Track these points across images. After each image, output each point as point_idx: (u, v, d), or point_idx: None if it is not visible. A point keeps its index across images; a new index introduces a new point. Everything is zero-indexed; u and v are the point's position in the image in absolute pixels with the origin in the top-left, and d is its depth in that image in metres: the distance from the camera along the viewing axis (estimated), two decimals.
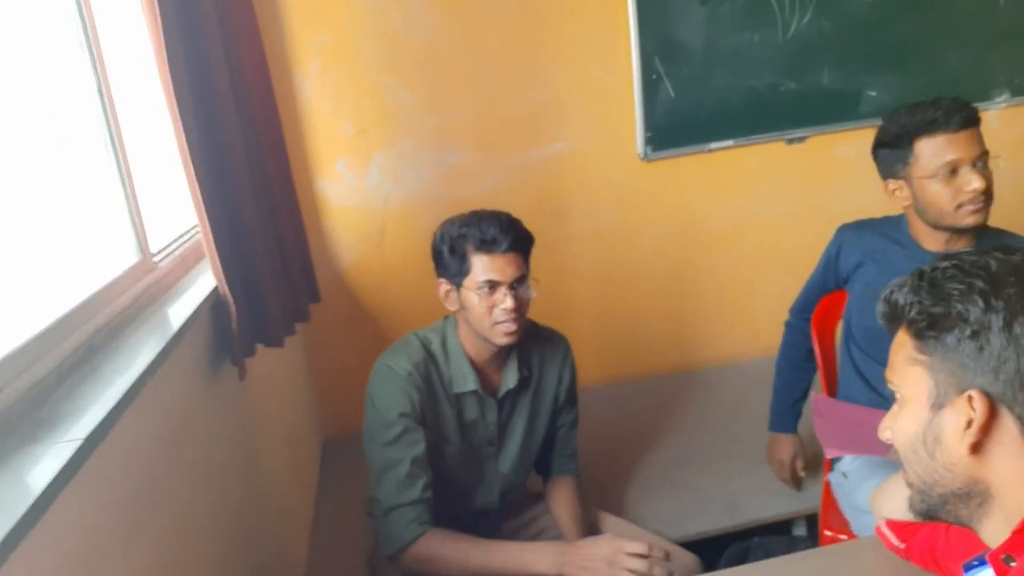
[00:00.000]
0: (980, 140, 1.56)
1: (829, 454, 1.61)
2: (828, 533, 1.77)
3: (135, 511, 1.05)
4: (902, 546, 1.08)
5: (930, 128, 1.57)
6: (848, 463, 1.73)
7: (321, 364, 2.75)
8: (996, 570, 0.75)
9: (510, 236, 1.51)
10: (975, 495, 0.78)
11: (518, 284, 1.53)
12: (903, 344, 0.82)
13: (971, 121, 1.56)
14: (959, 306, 0.75)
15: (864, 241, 1.78)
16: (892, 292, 0.83)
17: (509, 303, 1.50)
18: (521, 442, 1.70)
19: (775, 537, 2.03)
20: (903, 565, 1.07)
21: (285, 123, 2.28)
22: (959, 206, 1.56)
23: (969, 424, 0.74)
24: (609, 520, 1.78)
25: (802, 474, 2.05)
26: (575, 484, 1.78)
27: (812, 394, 1.89)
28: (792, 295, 2.02)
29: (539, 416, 1.73)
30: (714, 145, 2.79)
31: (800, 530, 2.09)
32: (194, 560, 1.25)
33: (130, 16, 1.58)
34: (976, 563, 0.89)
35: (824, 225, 1.93)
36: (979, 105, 1.60)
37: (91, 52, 1.41)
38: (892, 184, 1.66)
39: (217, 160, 1.50)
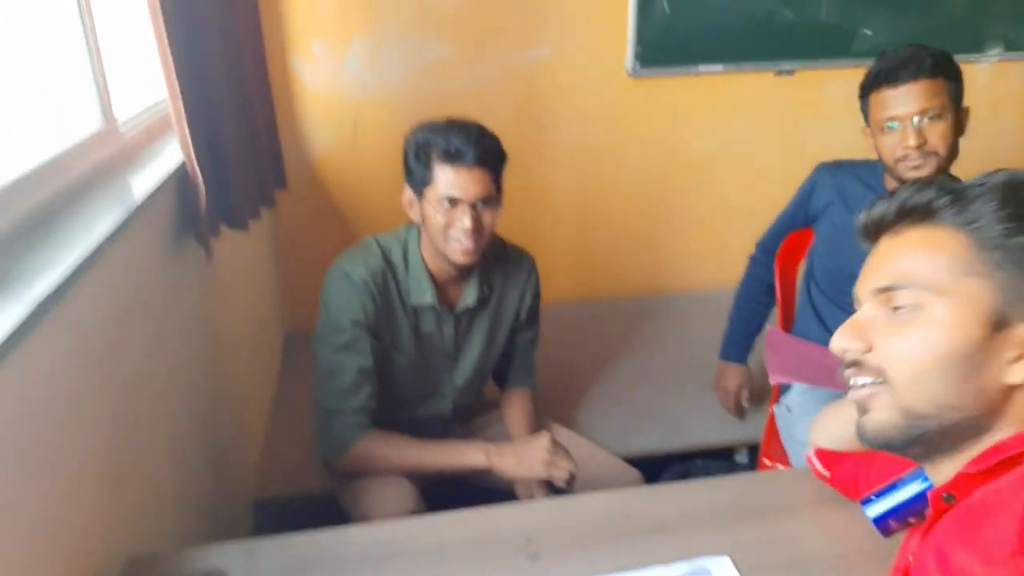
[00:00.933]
0: (931, 94, 1.53)
1: (773, 380, 1.66)
2: (767, 462, 1.85)
3: (91, 375, 1.05)
4: (828, 474, 1.12)
5: (875, 82, 1.58)
6: (793, 398, 1.79)
7: (287, 255, 2.72)
8: (934, 508, 0.76)
9: (476, 149, 1.43)
10: (973, 429, 0.72)
11: (482, 204, 1.46)
12: (949, 249, 0.72)
13: (922, 73, 1.53)
14: None
15: (839, 181, 1.78)
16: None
17: (467, 223, 1.43)
18: (477, 357, 1.70)
19: (716, 462, 2.10)
20: (830, 495, 1.12)
21: None
22: (898, 160, 1.57)
23: None
24: (557, 430, 1.82)
25: (746, 404, 2.12)
26: (530, 396, 1.81)
27: (767, 326, 1.92)
28: (763, 227, 2.02)
29: (497, 333, 1.73)
30: (703, 68, 2.74)
31: (742, 457, 2.18)
32: (148, 431, 1.25)
33: None
34: (873, 497, 0.92)
35: (804, 162, 1.91)
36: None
37: None
38: (865, 130, 1.67)
39: (189, 29, 1.42)
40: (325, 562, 1.03)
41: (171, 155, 1.53)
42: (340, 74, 2.55)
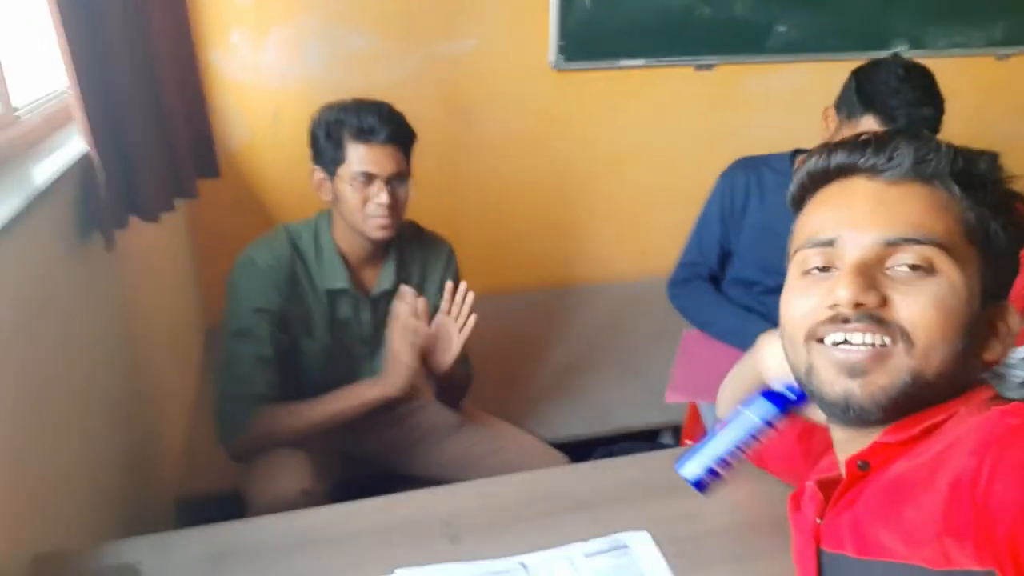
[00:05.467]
0: None
1: (669, 398, 1.69)
2: (688, 443, 1.89)
3: None
4: None
5: (880, 113, 1.51)
6: None
7: (207, 248, 2.64)
8: (849, 475, 0.74)
9: (389, 127, 1.45)
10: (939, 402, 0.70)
11: (396, 180, 1.49)
12: (955, 214, 0.69)
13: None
14: None
15: (756, 174, 1.77)
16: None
17: (384, 198, 1.46)
18: None
19: (641, 444, 2.14)
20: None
21: None
22: None
23: None
24: (483, 418, 1.82)
25: None
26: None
27: (684, 331, 1.89)
28: (684, 219, 1.95)
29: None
30: (624, 63, 2.78)
31: (667, 439, 2.22)
32: (56, 428, 1.20)
33: None
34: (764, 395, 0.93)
35: (724, 155, 1.90)
36: (880, 54, 1.61)
37: None
38: (831, 112, 1.63)
39: (89, 19, 1.36)
40: (239, 553, 1.00)
41: (77, 145, 1.47)
42: (258, 64, 2.49)
